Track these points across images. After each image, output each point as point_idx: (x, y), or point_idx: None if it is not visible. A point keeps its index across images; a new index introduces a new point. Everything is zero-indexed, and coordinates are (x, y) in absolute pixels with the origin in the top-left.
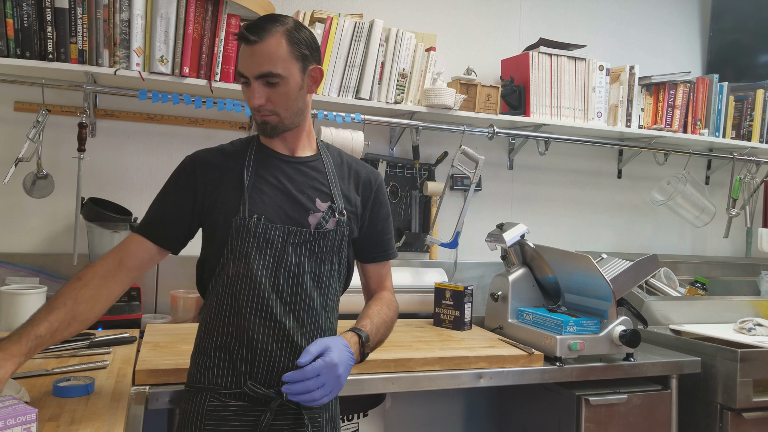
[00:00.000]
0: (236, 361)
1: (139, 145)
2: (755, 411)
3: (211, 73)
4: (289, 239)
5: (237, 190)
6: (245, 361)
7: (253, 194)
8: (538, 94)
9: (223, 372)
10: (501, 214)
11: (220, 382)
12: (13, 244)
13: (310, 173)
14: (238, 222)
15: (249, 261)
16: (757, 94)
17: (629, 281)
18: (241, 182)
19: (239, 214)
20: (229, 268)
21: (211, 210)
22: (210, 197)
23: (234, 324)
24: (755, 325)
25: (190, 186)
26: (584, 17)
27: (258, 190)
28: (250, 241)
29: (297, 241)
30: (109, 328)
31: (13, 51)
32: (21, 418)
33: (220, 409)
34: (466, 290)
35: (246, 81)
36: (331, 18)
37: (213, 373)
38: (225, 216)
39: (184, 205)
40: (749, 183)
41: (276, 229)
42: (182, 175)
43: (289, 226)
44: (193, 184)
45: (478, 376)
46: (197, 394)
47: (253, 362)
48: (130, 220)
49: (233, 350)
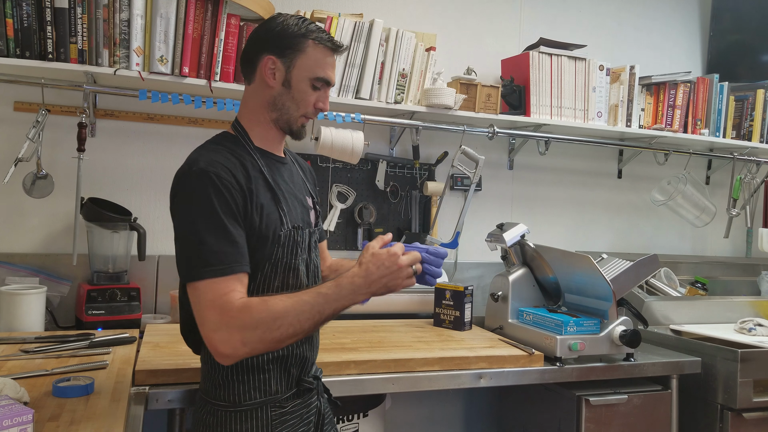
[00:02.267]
0: (289, 367)
1: (138, 145)
2: (755, 411)
3: (211, 73)
4: (311, 241)
5: (271, 200)
6: (297, 363)
7: (282, 202)
8: (538, 94)
9: (279, 380)
10: (501, 214)
11: (277, 390)
12: (13, 244)
13: (295, 172)
14: (285, 234)
15: (298, 272)
16: (758, 94)
17: (629, 281)
18: (272, 191)
19: (284, 225)
20: (274, 280)
21: (258, 224)
22: (254, 211)
23: None
24: (755, 326)
25: (235, 204)
26: (584, 17)
27: (283, 197)
28: (297, 252)
29: (312, 241)
30: (108, 328)
31: (13, 51)
32: (17, 419)
33: (283, 414)
34: (466, 290)
35: (322, 86)
36: (331, 18)
37: (270, 385)
38: (271, 228)
39: (239, 226)
40: (749, 183)
41: (305, 233)
42: (222, 196)
43: (309, 229)
44: (235, 201)
45: (478, 377)
46: (254, 411)
47: (303, 362)
48: (129, 220)
49: (287, 358)
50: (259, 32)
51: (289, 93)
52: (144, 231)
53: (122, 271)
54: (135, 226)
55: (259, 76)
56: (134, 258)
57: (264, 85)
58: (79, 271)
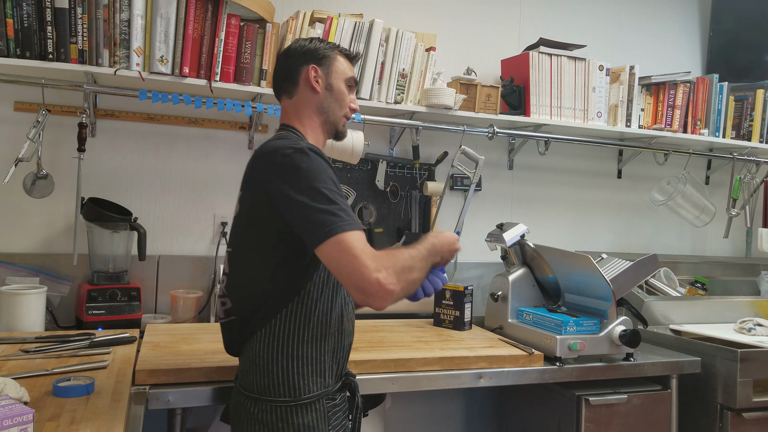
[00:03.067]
0: (339, 360)
1: (139, 145)
2: (755, 411)
3: (211, 73)
4: None
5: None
6: (344, 356)
7: None
8: (538, 94)
9: (332, 373)
10: (501, 214)
11: (328, 383)
12: (13, 244)
13: None
14: None
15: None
16: (757, 94)
17: (629, 281)
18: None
19: None
20: (326, 275)
21: None
22: None
23: (338, 328)
24: (755, 325)
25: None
26: (584, 17)
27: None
28: None
29: None
30: (109, 328)
31: (13, 51)
32: (18, 419)
33: (335, 406)
34: (466, 290)
35: (353, 86)
36: (331, 18)
37: (325, 377)
38: None
39: None
40: (749, 183)
41: None
42: (331, 169)
43: None
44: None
45: (478, 376)
46: (314, 404)
47: (346, 356)
48: (130, 220)
49: (337, 351)
50: (294, 51)
51: (332, 95)
52: (144, 231)
53: (122, 271)
54: (135, 226)
55: (303, 86)
56: (134, 258)
57: (309, 93)
58: (79, 271)
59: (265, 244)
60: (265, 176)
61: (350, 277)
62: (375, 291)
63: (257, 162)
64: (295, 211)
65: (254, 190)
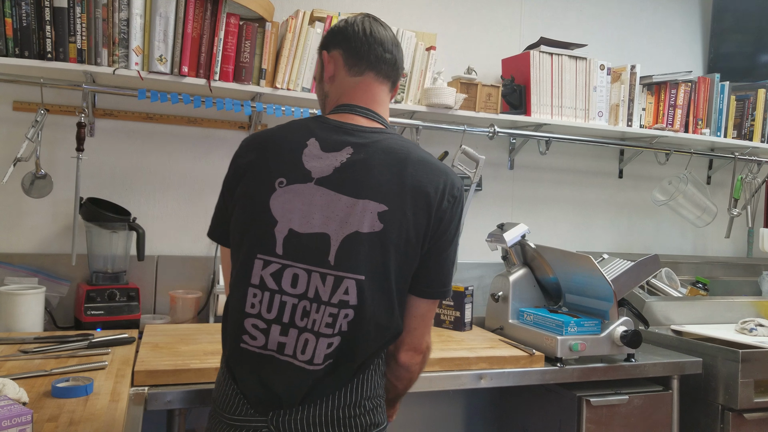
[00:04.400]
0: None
1: (138, 145)
2: (756, 411)
3: (211, 72)
4: None
5: None
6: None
7: None
8: (538, 93)
9: None
10: (501, 214)
11: None
12: (12, 244)
13: None
14: None
15: None
16: (759, 93)
17: (630, 281)
18: None
19: None
20: None
21: None
22: None
23: None
24: (756, 326)
25: None
26: (585, 16)
27: None
28: None
29: None
30: (107, 328)
31: (12, 50)
32: (16, 419)
33: None
34: (467, 290)
35: None
36: (331, 17)
37: None
38: None
39: None
40: (751, 183)
41: None
42: None
43: None
44: None
45: (479, 377)
46: None
47: None
48: (128, 220)
49: None
50: (397, 43)
51: None
52: (143, 231)
53: (121, 272)
54: (134, 226)
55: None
56: (133, 258)
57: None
58: (78, 272)
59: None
60: (450, 215)
61: (424, 337)
62: (428, 350)
63: (448, 193)
64: (445, 257)
65: (423, 219)
